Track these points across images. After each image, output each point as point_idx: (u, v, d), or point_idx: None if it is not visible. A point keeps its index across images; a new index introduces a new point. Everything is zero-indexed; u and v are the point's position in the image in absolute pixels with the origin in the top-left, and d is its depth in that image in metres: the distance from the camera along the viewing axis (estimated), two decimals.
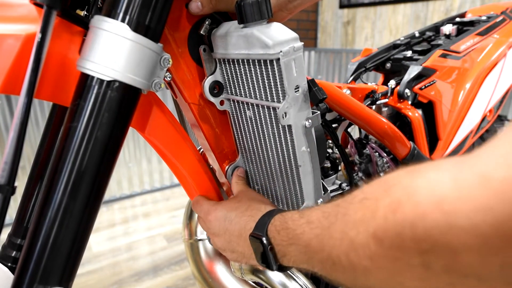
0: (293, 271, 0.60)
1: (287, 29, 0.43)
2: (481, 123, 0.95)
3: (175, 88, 0.51)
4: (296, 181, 0.49)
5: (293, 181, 0.49)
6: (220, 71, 0.50)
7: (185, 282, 1.52)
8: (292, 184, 0.50)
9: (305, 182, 0.48)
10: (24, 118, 0.34)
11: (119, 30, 0.36)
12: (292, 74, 0.42)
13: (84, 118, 0.36)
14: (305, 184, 0.48)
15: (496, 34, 0.97)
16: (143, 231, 1.92)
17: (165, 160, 0.51)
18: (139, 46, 0.37)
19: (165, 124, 0.48)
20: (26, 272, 0.35)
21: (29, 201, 0.51)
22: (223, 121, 0.55)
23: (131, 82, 0.37)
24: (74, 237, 0.36)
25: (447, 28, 1.01)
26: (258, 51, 0.42)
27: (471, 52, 0.91)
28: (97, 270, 1.60)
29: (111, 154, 0.38)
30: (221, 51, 0.47)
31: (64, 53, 0.39)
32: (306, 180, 0.48)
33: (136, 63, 0.37)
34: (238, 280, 0.71)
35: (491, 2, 1.30)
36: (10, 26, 0.37)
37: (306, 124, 0.45)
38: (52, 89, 0.39)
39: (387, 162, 0.79)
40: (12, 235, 0.52)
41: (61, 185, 0.35)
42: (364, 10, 2.77)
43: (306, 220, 0.36)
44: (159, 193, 2.37)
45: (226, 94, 0.51)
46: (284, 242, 0.39)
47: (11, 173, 0.34)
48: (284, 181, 0.51)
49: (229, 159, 0.57)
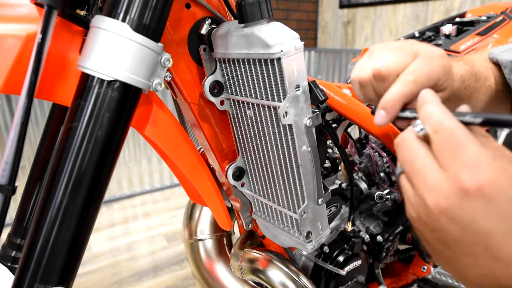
0: (293, 271, 0.60)
1: (288, 28, 0.43)
2: None
3: (175, 88, 0.51)
4: (297, 181, 0.49)
5: (294, 181, 0.49)
6: (220, 71, 0.50)
7: (185, 282, 1.52)
8: (293, 183, 0.49)
9: (306, 181, 0.48)
10: (25, 118, 0.34)
11: (119, 30, 0.36)
12: (293, 73, 0.42)
13: (84, 118, 0.36)
14: (305, 183, 0.48)
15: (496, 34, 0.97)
16: (143, 231, 1.92)
17: (165, 160, 0.51)
18: (139, 46, 0.37)
19: (165, 124, 0.48)
20: (27, 272, 0.35)
21: (29, 201, 0.51)
22: (223, 121, 0.55)
23: (131, 82, 0.37)
24: (74, 237, 0.36)
25: (447, 28, 1.01)
26: (258, 50, 0.42)
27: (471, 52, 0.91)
28: (97, 270, 1.60)
29: (112, 154, 0.38)
30: (221, 51, 0.47)
31: (64, 53, 0.39)
32: (306, 180, 0.48)
33: (136, 63, 0.37)
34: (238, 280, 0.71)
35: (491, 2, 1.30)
36: (10, 26, 0.37)
37: (306, 123, 0.45)
38: (52, 89, 0.39)
39: (387, 162, 0.79)
40: (12, 235, 0.52)
41: (62, 185, 0.35)
42: (364, 10, 2.77)
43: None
44: (159, 193, 2.37)
45: (226, 94, 0.51)
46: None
47: (12, 173, 0.34)
48: (284, 180, 0.51)
49: (229, 159, 0.57)
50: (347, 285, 0.68)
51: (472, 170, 0.27)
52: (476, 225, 0.28)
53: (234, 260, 0.66)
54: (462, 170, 0.28)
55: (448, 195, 0.28)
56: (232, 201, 0.63)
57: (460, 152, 0.28)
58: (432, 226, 0.30)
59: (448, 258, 0.31)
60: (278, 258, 0.62)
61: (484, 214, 0.27)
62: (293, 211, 0.52)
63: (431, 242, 0.31)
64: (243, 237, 0.69)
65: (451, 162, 0.28)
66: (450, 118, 0.30)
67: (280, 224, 0.55)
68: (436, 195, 0.28)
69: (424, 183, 0.29)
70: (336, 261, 0.66)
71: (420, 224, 0.31)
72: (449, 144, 0.29)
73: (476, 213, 0.27)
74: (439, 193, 0.28)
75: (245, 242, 0.68)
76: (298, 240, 0.53)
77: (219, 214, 0.59)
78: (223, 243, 0.76)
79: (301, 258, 0.69)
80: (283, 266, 0.60)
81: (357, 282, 0.69)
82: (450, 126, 0.30)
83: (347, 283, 0.68)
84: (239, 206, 0.61)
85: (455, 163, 0.28)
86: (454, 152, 0.28)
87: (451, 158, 0.28)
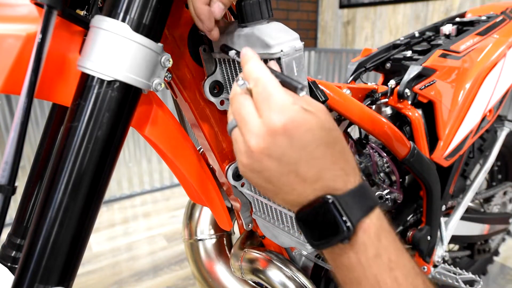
0: (293, 271, 0.60)
1: (288, 28, 0.43)
2: (481, 123, 0.95)
3: (175, 88, 0.51)
4: None
5: None
6: (220, 71, 0.50)
7: (185, 282, 1.52)
8: None
9: None
10: (25, 118, 0.34)
11: (119, 30, 0.36)
12: (293, 73, 0.42)
13: (84, 118, 0.36)
14: None
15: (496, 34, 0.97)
16: (143, 231, 1.92)
17: (165, 160, 0.51)
18: (139, 46, 0.37)
19: (165, 124, 0.48)
20: (27, 272, 0.35)
21: (29, 201, 0.51)
22: (223, 121, 0.55)
23: (131, 82, 0.37)
24: (74, 237, 0.36)
25: (447, 28, 1.01)
26: (258, 50, 0.42)
27: (471, 52, 0.91)
28: (97, 270, 1.60)
29: (112, 154, 0.38)
30: None
31: (64, 53, 0.39)
32: None
33: (136, 63, 0.37)
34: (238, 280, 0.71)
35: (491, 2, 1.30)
36: (10, 26, 0.37)
37: None
38: (52, 89, 0.39)
39: (387, 162, 0.79)
40: (12, 235, 0.52)
41: (62, 185, 0.35)
42: (364, 10, 2.77)
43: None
44: (159, 193, 2.37)
45: (226, 94, 0.51)
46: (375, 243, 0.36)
47: (12, 173, 0.34)
48: None
49: (229, 159, 0.57)
50: None
51: (278, 113, 0.33)
52: (287, 157, 0.34)
53: (234, 260, 0.66)
54: (271, 114, 0.33)
55: (264, 136, 0.33)
56: (232, 201, 0.63)
57: (270, 99, 0.34)
58: (258, 168, 0.35)
59: (274, 191, 0.37)
60: (278, 258, 0.62)
61: (290, 147, 0.33)
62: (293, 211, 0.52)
63: (260, 183, 0.37)
64: (243, 237, 0.69)
65: (265, 108, 0.34)
66: (266, 72, 0.36)
67: (280, 224, 0.55)
68: (256, 138, 0.34)
69: (247, 129, 0.35)
70: None
71: (249, 170, 0.36)
72: (263, 93, 0.35)
73: (285, 147, 0.33)
74: (258, 136, 0.34)
75: (245, 242, 0.68)
76: (298, 240, 0.53)
77: (219, 214, 0.59)
78: (223, 243, 0.76)
79: (301, 258, 0.69)
80: (283, 266, 0.60)
81: None
82: (265, 79, 0.35)
83: None
84: (239, 206, 0.61)
85: (267, 109, 0.34)
86: (266, 100, 0.34)
87: (264, 104, 0.34)
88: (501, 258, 1.51)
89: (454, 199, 1.00)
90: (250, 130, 0.34)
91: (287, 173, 0.35)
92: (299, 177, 0.35)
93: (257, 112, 0.35)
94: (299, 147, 0.34)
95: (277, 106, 0.33)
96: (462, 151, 0.89)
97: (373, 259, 0.35)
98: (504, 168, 1.34)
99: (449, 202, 0.98)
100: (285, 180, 0.35)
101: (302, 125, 0.33)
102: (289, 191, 0.36)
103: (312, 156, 0.34)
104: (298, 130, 0.33)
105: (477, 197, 1.15)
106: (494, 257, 1.41)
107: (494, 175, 1.33)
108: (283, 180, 0.35)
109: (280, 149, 0.33)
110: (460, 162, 0.94)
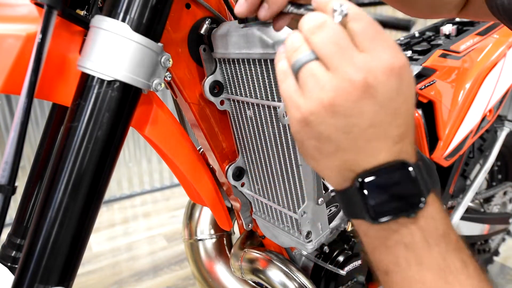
0: (293, 271, 0.60)
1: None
2: (481, 123, 0.95)
3: (175, 88, 0.51)
4: (297, 181, 0.49)
5: (294, 181, 0.49)
6: (220, 70, 0.50)
7: (185, 282, 1.52)
8: (293, 183, 0.49)
9: (306, 181, 0.48)
10: (25, 118, 0.34)
11: (119, 30, 0.36)
12: None
13: (84, 118, 0.36)
14: (305, 183, 0.48)
15: (496, 34, 0.97)
16: (143, 231, 1.92)
17: (165, 160, 0.51)
18: (139, 46, 0.37)
19: (165, 124, 0.48)
20: (27, 272, 0.35)
21: (29, 201, 0.51)
22: (223, 121, 0.55)
23: (131, 81, 0.37)
24: (74, 237, 0.36)
25: (447, 28, 1.01)
26: (258, 50, 0.42)
27: (471, 52, 0.91)
28: (97, 270, 1.60)
29: (112, 154, 0.38)
30: (221, 51, 0.47)
31: (64, 53, 0.39)
32: (306, 180, 0.48)
33: (136, 63, 0.37)
34: (238, 280, 0.71)
35: None
36: (10, 26, 0.37)
37: None
38: (52, 89, 0.39)
39: None
40: (12, 235, 0.52)
41: (62, 185, 0.35)
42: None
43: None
44: (159, 193, 2.37)
45: (226, 93, 0.51)
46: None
47: (12, 173, 0.34)
48: (284, 180, 0.51)
49: (229, 159, 0.57)
50: (347, 285, 0.68)
51: (394, 53, 0.29)
52: (393, 103, 0.29)
53: (234, 260, 0.66)
54: (386, 51, 0.29)
55: (377, 73, 0.28)
56: (232, 201, 0.63)
57: (382, 37, 0.30)
58: (345, 110, 0.29)
59: (341, 147, 0.30)
60: (278, 258, 0.62)
61: (397, 94, 0.29)
62: (293, 211, 0.52)
63: (329, 133, 0.30)
64: (243, 237, 0.69)
65: (375, 45, 0.29)
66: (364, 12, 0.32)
67: (280, 224, 0.55)
68: (365, 73, 0.28)
69: (351, 61, 0.29)
70: (336, 261, 0.66)
71: (326, 112, 0.29)
72: (371, 30, 0.30)
73: (393, 91, 0.28)
74: (368, 71, 0.28)
75: (245, 242, 0.68)
76: (298, 240, 0.53)
77: (219, 214, 0.59)
78: (223, 243, 0.76)
79: (301, 258, 0.69)
80: (283, 266, 0.60)
81: (357, 282, 0.69)
82: (368, 16, 0.31)
83: (347, 283, 0.68)
84: (239, 206, 0.62)
85: (379, 46, 0.29)
86: (376, 37, 0.29)
87: (375, 42, 0.29)
88: (501, 258, 1.51)
89: (454, 199, 1.00)
90: (356, 64, 0.28)
91: (379, 123, 0.29)
92: (388, 132, 0.29)
93: (359, 50, 0.29)
94: (404, 96, 0.29)
95: (391, 45, 0.29)
96: (462, 151, 0.89)
97: (441, 237, 0.31)
98: (504, 168, 1.34)
99: (449, 202, 0.98)
100: (371, 132, 0.29)
101: (411, 75, 0.29)
102: (363, 147, 0.29)
103: (408, 111, 0.30)
104: (409, 79, 0.29)
105: (477, 197, 1.15)
106: (494, 257, 1.41)
107: (494, 175, 1.33)
108: (370, 132, 0.29)
109: (388, 93, 0.28)
110: (460, 162, 0.94)
